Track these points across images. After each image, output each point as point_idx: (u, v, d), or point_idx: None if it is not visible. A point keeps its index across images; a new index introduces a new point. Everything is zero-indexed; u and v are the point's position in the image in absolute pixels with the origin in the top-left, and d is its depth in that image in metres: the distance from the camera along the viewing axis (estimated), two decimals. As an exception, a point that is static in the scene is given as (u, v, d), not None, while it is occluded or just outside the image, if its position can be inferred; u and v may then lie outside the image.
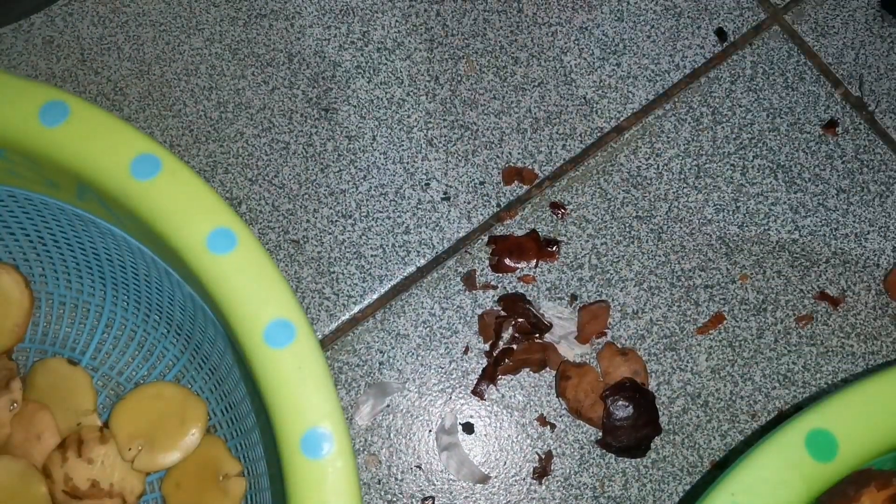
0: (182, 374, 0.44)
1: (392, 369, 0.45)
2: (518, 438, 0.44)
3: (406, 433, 0.44)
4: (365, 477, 0.43)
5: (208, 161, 0.47)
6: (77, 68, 0.49)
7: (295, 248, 0.46)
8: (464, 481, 0.43)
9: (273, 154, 0.48)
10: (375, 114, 0.48)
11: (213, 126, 0.48)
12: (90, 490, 0.40)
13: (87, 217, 0.37)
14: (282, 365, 0.31)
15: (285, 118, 0.48)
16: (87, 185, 0.33)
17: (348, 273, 0.46)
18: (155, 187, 0.32)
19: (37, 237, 0.42)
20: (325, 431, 0.30)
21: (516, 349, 0.45)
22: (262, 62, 0.49)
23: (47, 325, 0.45)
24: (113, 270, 0.42)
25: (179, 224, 0.32)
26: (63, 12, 0.50)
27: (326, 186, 0.47)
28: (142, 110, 0.48)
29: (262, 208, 0.47)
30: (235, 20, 0.50)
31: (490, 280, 0.46)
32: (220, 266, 0.32)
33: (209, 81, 0.49)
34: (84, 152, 0.32)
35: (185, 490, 0.41)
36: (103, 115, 0.33)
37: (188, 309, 0.39)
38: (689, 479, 0.44)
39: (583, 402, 0.43)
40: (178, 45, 0.49)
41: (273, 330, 0.31)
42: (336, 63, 0.49)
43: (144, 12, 0.50)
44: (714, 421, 0.44)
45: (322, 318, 0.46)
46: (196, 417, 0.41)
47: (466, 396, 0.45)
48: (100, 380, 0.44)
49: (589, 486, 0.43)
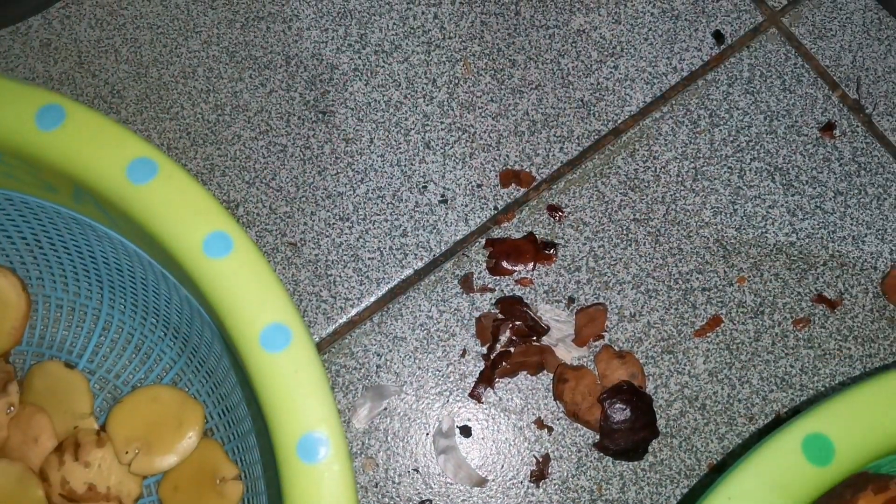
0: (179, 378, 0.44)
1: (389, 372, 0.45)
2: (515, 442, 0.44)
3: (403, 436, 0.44)
4: (362, 480, 0.43)
5: (205, 164, 0.47)
6: (74, 71, 0.49)
7: (292, 251, 0.46)
8: (461, 485, 0.43)
9: (270, 157, 0.48)
10: (373, 116, 0.48)
11: (210, 129, 0.48)
12: (87, 493, 0.40)
13: (83, 220, 0.37)
14: (278, 369, 0.31)
15: (283, 121, 0.48)
16: (83, 188, 0.33)
17: (345, 276, 0.46)
18: (151, 191, 0.32)
19: (34, 240, 0.42)
20: (321, 436, 0.30)
21: (514, 352, 0.45)
22: (260, 65, 0.49)
23: (44, 328, 0.45)
24: (110, 274, 0.42)
25: (176, 228, 0.32)
26: (60, 15, 0.50)
27: (324, 189, 0.47)
28: (139, 113, 0.48)
29: (260, 211, 0.47)
30: (233, 23, 0.50)
31: (487, 283, 0.46)
32: (217, 270, 0.32)
33: (206, 84, 0.49)
34: (80, 156, 0.32)
35: (182, 493, 0.40)
36: (100, 118, 0.33)
37: (185, 312, 0.39)
38: (687, 483, 0.44)
39: (580, 405, 0.43)
40: (176, 47, 0.49)
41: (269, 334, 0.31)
42: (333, 66, 0.49)
43: (142, 15, 0.50)
44: (711, 424, 0.44)
45: (319, 321, 0.45)
46: (193, 421, 0.41)
47: (464, 399, 0.45)
48: (97, 383, 0.44)
49: (586, 489, 0.43)
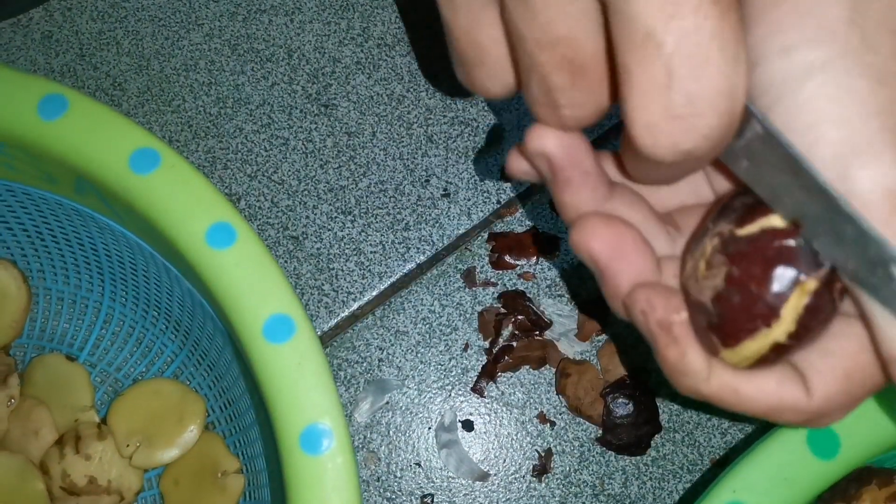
0: (181, 371, 0.44)
1: (391, 366, 0.45)
2: (518, 436, 0.44)
3: (405, 430, 0.44)
4: (364, 474, 0.43)
5: (207, 157, 0.47)
6: (76, 63, 0.48)
7: (294, 245, 0.46)
8: (463, 479, 0.43)
9: (272, 150, 0.48)
10: (375, 110, 0.48)
11: (212, 121, 0.48)
12: (88, 486, 0.40)
13: (85, 212, 0.37)
14: (281, 360, 0.30)
15: (285, 114, 0.48)
16: (85, 179, 0.33)
17: (348, 269, 0.46)
18: (154, 181, 0.32)
19: (35, 232, 0.42)
20: (324, 427, 0.30)
21: (516, 346, 0.45)
22: (262, 58, 0.49)
23: (45, 320, 0.44)
24: (111, 266, 0.42)
25: (178, 218, 0.32)
26: (62, 7, 0.49)
27: (326, 182, 0.47)
28: (141, 105, 0.48)
29: (262, 204, 0.47)
30: (235, 15, 0.50)
31: (490, 277, 0.46)
32: (220, 261, 0.31)
33: (208, 77, 0.48)
34: (83, 146, 0.32)
35: (184, 487, 0.40)
36: (102, 108, 0.32)
37: (187, 304, 0.39)
38: (690, 477, 0.43)
39: (583, 400, 0.43)
40: (178, 40, 0.49)
41: (273, 325, 0.31)
42: (336, 59, 0.49)
43: (143, 7, 0.49)
44: (714, 419, 0.44)
45: (321, 315, 0.45)
46: (194, 414, 0.41)
47: (466, 394, 0.45)
48: (98, 376, 0.44)
49: (589, 483, 0.43)
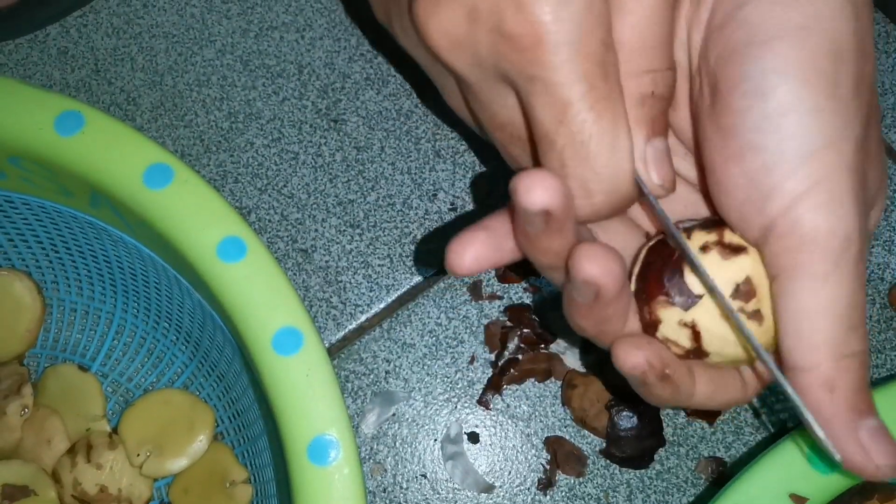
0: (190, 381, 0.44)
1: (398, 378, 0.45)
2: (523, 448, 0.44)
3: (412, 442, 0.44)
4: (370, 485, 0.44)
5: (218, 171, 0.48)
6: (91, 78, 0.49)
7: (303, 258, 0.47)
8: (469, 491, 0.44)
9: (282, 164, 0.48)
10: (384, 125, 0.49)
11: (223, 136, 0.49)
12: (99, 495, 0.40)
13: (99, 225, 0.38)
14: (290, 372, 0.31)
15: (295, 129, 0.49)
16: (100, 193, 0.34)
17: (355, 282, 0.47)
18: (167, 196, 0.33)
19: (49, 245, 0.42)
20: (332, 438, 0.30)
21: (522, 359, 0.45)
22: (273, 73, 0.50)
23: (59, 331, 0.45)
24: (124, 278, 0.42)
25: (190, 232, 0.32)
26: (78, 23, 0.50)
27: (335, 196, 0.48)
28: (154, 120, 0.49)
29: (272, 218, 0.47)
30: (247, 32, 0.50)
31: (496, 290, 0.47)
32: (230, 274, 0.32)
33: (220, 92, 0.49)
34: (98, 161, 0.33)
35: (193, 496, 0.41)
36: (118, 124, 0.33)
37: (197, 317, 0.39)
38: (693, 491, 0.44)
39: (588, 412, 0.44)
40: (191, 56, 0.50)
41: (281, 338, 0.31)
42: (345, 75, 0.50)
43: (158, 24, 0.50)
44: (718, 433, 0.44)
45: (329, 327, 0.46)
46: (204, 424, 0.42)
47: (472, 406, 0.45)
48: (109, 386, 0.45)
49: (593, 496, 0.44)
